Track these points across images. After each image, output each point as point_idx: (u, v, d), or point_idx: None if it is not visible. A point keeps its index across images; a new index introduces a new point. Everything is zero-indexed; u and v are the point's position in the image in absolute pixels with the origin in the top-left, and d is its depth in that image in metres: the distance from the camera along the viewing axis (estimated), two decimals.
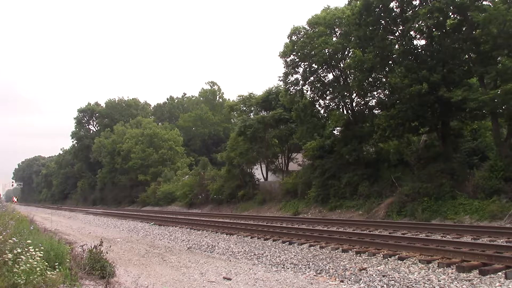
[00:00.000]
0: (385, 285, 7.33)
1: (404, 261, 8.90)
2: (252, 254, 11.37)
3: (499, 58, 17.34)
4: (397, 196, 19.47)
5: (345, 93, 25.63)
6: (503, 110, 17.60)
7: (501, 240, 10.89)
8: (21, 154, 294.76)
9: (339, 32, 25.76)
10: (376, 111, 24.72)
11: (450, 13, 18.71)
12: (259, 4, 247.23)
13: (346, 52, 25.28)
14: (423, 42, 20.50)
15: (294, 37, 26.35)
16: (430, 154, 20.80)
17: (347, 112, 26.82)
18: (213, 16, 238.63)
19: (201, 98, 74.60)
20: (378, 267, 8.58)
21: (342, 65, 25.71)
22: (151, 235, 17.92)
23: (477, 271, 7.51)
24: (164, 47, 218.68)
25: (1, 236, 6.25)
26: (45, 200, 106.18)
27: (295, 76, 27.29)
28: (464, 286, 6.91)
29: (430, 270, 8.01)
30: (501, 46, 16.56)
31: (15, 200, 72.66)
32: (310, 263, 9.51)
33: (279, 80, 28.78)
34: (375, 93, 24.59)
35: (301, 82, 27.15)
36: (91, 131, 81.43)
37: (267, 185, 33.88)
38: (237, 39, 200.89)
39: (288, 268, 9.39)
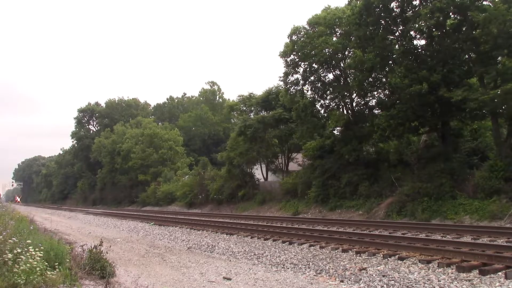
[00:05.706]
0: (385, 285, 7.33)
1: (404, 261, 8.89)
2: (252, 254, 11.37)
3: (499, 58, 17.33)
4: (397, 196, 19.48)
5: (345, 93, 25.65)
6: (503, 110, 17.60)
7: (501, 240, 10.89)
8: (21, 154, 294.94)
9: (339, 32, 25.76)
10: (376, 111, 24.74)
11: (450, 13, 18.70)
12: (259, 4, 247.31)
13: (346, 52, 25.31)
14: (423, 42, 20.55)
15: (294, 37, 26.34)
16: (430, 154, 20.80)
17: (347, 112, 26.83)
18: (213, 16, 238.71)
19: (201, 98, 74.69)
20: (378, 267, 8.57)
21: (342, 65, 25.74)
22: (151, 235, 17.92)
23: (477, 271, 7.50)
24: (164, 47, 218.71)
25: (1, 236, 6.25)
26: (45, 200, 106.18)
27: (295, 76, 27.36)
28: (464, 286, 6.90)
29: (430, 270, 8.00)
30: (501, 46, 16.56)
31: (18, 199, 72.34)
32: (310, 263, 9.51)
33: (279, 80, 28.89)
34: (375, 93, 24.65)
35: (301, 82, 27.17)
36: (91, 131, 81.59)
37: (267, 185, 33.88)
38: (237, 39, 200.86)
39: (288, 268, 9.39)
